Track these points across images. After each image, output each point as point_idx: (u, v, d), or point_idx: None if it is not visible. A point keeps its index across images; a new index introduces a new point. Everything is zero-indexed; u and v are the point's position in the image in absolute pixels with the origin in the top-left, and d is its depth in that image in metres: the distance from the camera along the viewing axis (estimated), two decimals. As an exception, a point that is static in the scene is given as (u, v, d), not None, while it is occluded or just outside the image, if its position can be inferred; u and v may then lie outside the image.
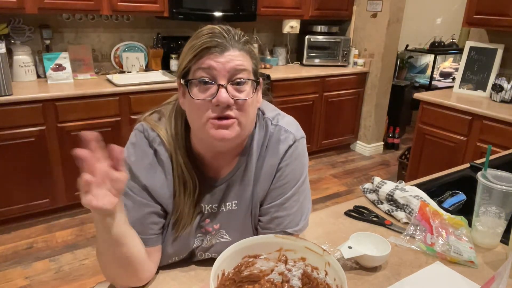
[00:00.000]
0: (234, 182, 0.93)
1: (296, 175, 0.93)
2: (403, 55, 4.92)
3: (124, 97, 2.74)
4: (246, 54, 0.82)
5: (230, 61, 0.79)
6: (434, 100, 2.91)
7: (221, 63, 0.78)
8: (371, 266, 0.98)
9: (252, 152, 0.92)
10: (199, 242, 0.95)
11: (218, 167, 0.93)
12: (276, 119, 0.94)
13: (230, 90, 0.80)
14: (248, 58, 0.83)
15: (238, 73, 0.80)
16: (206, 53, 0.79)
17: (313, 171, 3.72)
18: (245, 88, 0.82)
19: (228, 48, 0.79)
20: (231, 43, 0.80)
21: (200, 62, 0.79)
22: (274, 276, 0.82)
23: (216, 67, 0.78)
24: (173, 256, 0.95)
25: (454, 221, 1.09)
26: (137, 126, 0.91)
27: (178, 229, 0.91)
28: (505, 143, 2.47)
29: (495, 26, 2.81)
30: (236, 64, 0.79)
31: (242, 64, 0.80)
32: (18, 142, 2.45)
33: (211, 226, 0.95)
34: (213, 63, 0.78)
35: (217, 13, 3.17)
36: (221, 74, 0.79)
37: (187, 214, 0.90)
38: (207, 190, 0.93)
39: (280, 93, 3.47)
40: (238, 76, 0.80)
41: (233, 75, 0.80)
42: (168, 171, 0.88)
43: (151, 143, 0.88)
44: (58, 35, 2.97)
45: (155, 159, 0.88)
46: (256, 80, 0.84)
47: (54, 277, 2.20)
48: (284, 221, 0.93)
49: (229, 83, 0.80)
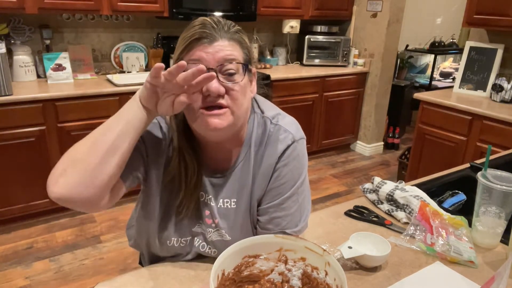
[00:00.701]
0: (233, 177, 0.94)
1: (295, 175, 0.93)
2: (403, 55, 4.92)
3: (124, 97, 2.74)
4: (235, 44, 0.84)
5: (220, 51, 0.81)
6: (434, 100, 2.91)
7: (210, 53, 0.80)
8: (371, 266, 0.98)
9: (250, 149, 0.93)
10: (198, 229, 0.97)
11: (216, 159, 0.94)
12: (276, 118, 0.95)
13: (220, 78, 0.81)
14: (238, 48, 0.84)
15: (228, 63, 0.81)
16: (196, 44, 0.81)
17: (313, 171, 3.72)
18: (236, 77, 0.83)
19: (217, 39, 0.81)
20: (220, 33, 0.82)
21: (191, 53, 0.81)
22: (274, 276, 0.82)
23: (205, 58, 0.80)
24: (172, 236, 0.96)
25: (454, 221, 1.09)
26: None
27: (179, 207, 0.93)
28: (505, 143, 2.47)
29: (495, 26, 2.81)
30: (226, 54, 0.81)
31: (232, 54, 0.82)
32: (18, 142, 2.45)
33: (211, 218, 0.95)
34: (203, 54, 0.80)
35: (217, 13, 3.17)
36: (211, 64, 0.80)
37: (189, 197, 0.92)
38: (207, 181, 0.94)
39: (280, 93, 3.47)
40: (228, 67, 0.81)
41: (223, 65, 0.81)
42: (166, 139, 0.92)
43: (158, 120, 0.93)
44: (58, 35, 2.97)
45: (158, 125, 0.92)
46: (245, 64, 0.85)
47: (54, 277, 2.20)
48: (282, 222, 0.93)
49: (220, 73, 0.81)
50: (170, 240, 0.97)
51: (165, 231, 0.96)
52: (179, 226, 0.96)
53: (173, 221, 0.95)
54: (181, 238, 0.97)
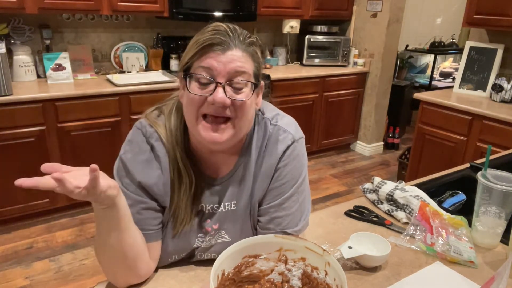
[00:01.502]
0: (233, 181, 0.93)
1: (295, 175, 0.93)
2: (403, 55, 4.92)
3: (124, 97, 2.74)
4: (248, 56, 0.82)
5: (232, 61, 0.79)
6: (434, 100, 2.90)
7: (222, 63, 0.78)
8: (371, 266, 0.98)
9: (251, 152, 0.92)
10: (200, 243, 0.95)
11: (216, 166, 0.93)
12: (275, 119, 0.94)
13: (228, 90, 0.80)
14: (250, 60, 0.82)
15: (238, 75, 0.80)
16: (209, 50, 0.79)
17: (313, 171, 3.72)
18: (244, 90, 0.82)
19: (231, 47, 0.79)
20: (234, 42, 0.80)
21: (202, 59, 0.79)
22: (274, 276, 0.82)
23: (217, 68, 0.78)
24: (173, 254, 0.95)
25: (454, 221, 1.09)
26: (136, 123, 0.91)
27: (176, 225, 0.91)
28: (505, 143, 2.47)
29: (495, 26, 2.81)
30: (237, 65, 0.79)
31: (243, 66, 0.80)
32: (18, 142, 2.45)
33: (210, 226, 0.95)
34: (215, 63, 0.78)
35: (217, 13, 3.17)
36: (221, 74, 0.79)
37: (184, 210, 0.90)
38: (207, 189, 0.93)
39: (280, 93, 3.47)
40: (238, 79, 0.80)
41: (232, 76, 0.80)
42: (164, 167, 0.88)
43: (148, 139, 0.88)
44: (58, 35, 2.97)
45: (151, 155, 0.88)
46: (255, 83, 0.84)
47: (54, 277, 2.20)
48: (283, 222, 0.93)
49: (227, 84, 0.79)
50: (171, 257, 0.96)
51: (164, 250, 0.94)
52: (177, 242, 0.93)
53: (171, 238, 0.93)
54: (181, 254, 0.96)
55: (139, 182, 0.86)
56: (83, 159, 2.66)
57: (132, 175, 0.87)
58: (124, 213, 0.80)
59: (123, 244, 0.81)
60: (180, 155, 0.88)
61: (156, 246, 0.91)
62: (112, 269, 0.87)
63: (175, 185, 0.89)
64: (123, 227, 0.80)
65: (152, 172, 0.87)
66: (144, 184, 0.87)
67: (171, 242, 0.93)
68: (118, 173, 0.89)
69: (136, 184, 0.87)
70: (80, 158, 2.65)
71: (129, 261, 0.84)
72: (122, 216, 0.79)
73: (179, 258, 0.97)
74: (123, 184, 0.87)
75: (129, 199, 0.86)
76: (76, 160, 2.63)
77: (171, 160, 0.88)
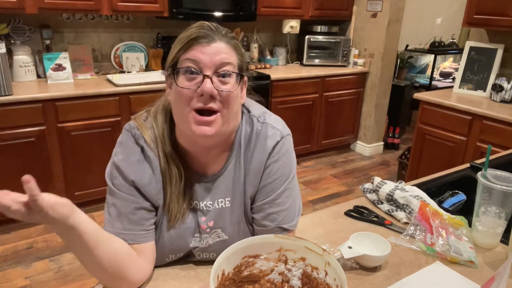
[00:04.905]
0: (225, 178, 0.94)
1: (286, 170, 0.94)
2: (403, 55, 4.92)
3: (124, 97, 2.74)
4: (232, 48, 0.85)
5: (217, 53, 0.82)
6: (434, 100, 2.91)
7: (208, 55, 0.81)
8: (371, 266, 0.98)
9: (240, 148, 0.94)
10: (197, 243, 0.96)
11: (206, 163, 0.93)
12: (262, 117, 0.96)
13: (215, 81, 0.82)
14: (234, 53, 0.85)
15: (224, 66, 0.83)
16: (194, 43, 0.82)
17: (313, 171, 3.72)
18: (230, 81, 0.84)
19: (215, 40, 0.82)
20: (218, 36, 0.83)
21: (188, 52, 0.82)
22: (274, 276, 0.82)
23: (203, 60, 0.81)
24: (169, 253, 0.95)
25: (454, 221, 1.09)
26: (125, 125, 0.93)
27: (170, 220, 0.91)
28: (505, 143, 2.47)
29: (495, 26, 2.81)
30: (222, 57, 0.82)
31: (228, 58, 0.83)
32: (18, 142, 2.45)
33: (205, 223, 0.95)
34: (200, 54, 0.81)
35: (217, 13, 3.17)
36: (207, 66, 0.81)
37: (176, 203, 0.90)
38: (199, 186, 0.94)
39: (280, 93, 3.47)
40: (224, 69, 0.82)
41: (218, 68, 0.82)
42: (155, 167, 0.89)
43: (137, 141, 0.89)
44: (58, 35, 2.97)
45: (142, 155, 0.89)
46: (240, 73, 0.86)
47: (54, 277, 2.20)
48: (278, 217, 0.94)
49: (214, 75, 0.82)
50: (168, 257, 0.96)
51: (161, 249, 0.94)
52: (173, 241, 0.93)
53: (166, 236, 0.93)
54: (178, 254, 0.96)
55: (133, 181, 0.87)
56: (83, 159, 2.66)
57: (125, 175, 0.87)
58: (87, 231, 0.76)
59: (99, 261, 0.80)
60: (168, 150, 0.89)
61: (150, 247, 0.91)
62: (102, 281, 0.87)
63: (166, 180, 0.90)
64: (92, 246, 0.77)
65: (145, 171, 0.88)
66: (138, 184, 0.87)
67: (167, 242, 0.93)
68: (110, 175, 0.89)
69: (130, 183, 0.87)
70: (80, 158, 2.65)
71: (115, 274, 0.83)
72: (86, 235, 0.76)
73: (176, 258, 0.97)
74: (116, 185, 0.87)
75: (122, 200, 0.87)
76: (76, 160, 2.63)
77: (159, 158, 0.89)
